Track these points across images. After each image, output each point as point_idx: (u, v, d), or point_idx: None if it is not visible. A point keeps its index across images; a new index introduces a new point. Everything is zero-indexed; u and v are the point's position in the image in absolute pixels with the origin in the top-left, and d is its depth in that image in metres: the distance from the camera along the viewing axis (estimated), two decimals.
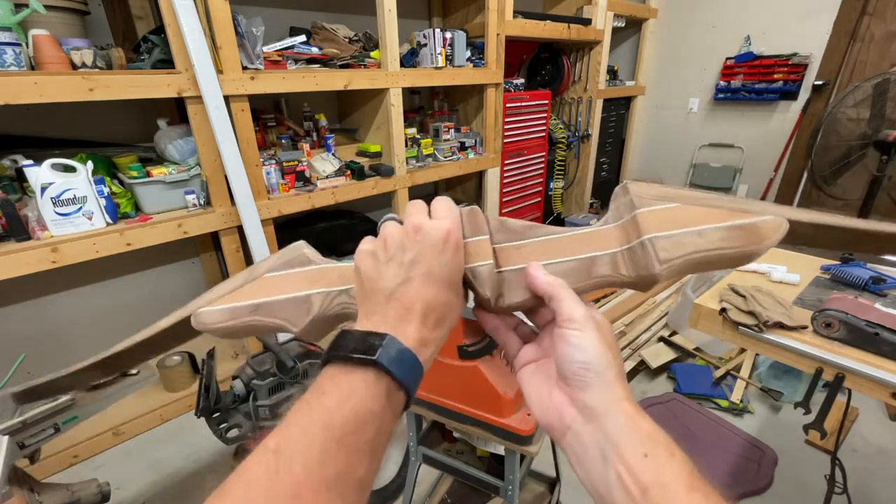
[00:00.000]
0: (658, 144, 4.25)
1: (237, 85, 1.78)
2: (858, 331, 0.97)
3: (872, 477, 1.67)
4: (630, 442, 0.31)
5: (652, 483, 0.29)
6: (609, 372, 0.33)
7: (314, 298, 0.40)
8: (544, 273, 0.37)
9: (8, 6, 1.41)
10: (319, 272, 0.41)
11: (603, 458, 0.32)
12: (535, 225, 0.40)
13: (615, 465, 0.31)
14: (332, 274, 0.41)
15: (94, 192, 1.59)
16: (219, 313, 0.41)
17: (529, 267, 0.38)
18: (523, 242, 0.40)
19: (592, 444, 0.33)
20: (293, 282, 0.41)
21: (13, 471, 1.12)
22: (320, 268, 0.41)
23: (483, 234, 0.39)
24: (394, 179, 2.45)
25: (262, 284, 0.42)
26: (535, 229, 0.40)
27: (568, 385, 0.35)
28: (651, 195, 0.37)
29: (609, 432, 0.32)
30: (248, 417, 1.33)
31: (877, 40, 3.09)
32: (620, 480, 0.30)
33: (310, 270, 0.41)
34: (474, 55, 2.74)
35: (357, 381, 0.31)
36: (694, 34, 3.77)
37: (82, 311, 2.08)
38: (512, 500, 1.09)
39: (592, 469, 0.32)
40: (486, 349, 0.98)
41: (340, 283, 0.40)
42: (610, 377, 0.33)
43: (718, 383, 2.10)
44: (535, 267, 0.38)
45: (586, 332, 0.34)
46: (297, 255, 0.42)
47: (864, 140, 2.22)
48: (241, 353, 2.28)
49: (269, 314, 0.40)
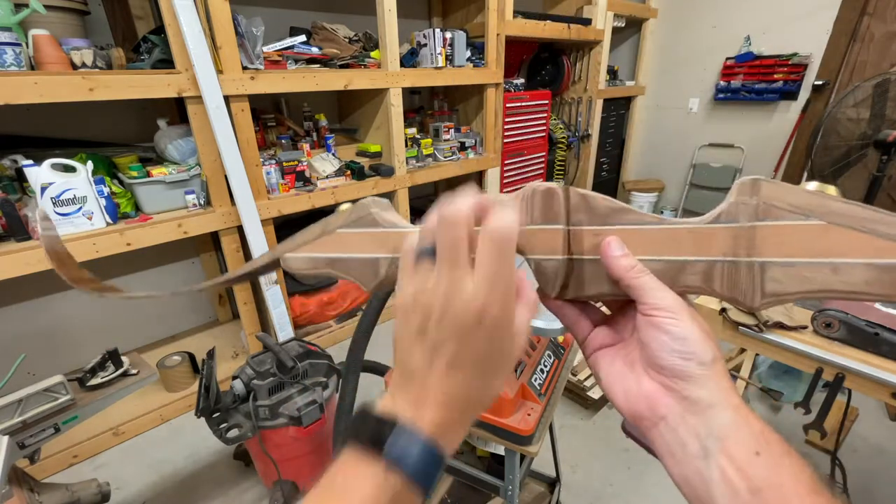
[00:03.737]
0: (658, 144, 4.25)
1: (237, 85, 1.78)
2: (858, 331, 0.97)
3: (872, 477, 1.67)
4: (739, 438, 0.28)
5: (766, 484, 0.27)
6: (715, 364, 0.30)
7: (381, 263, 0.40)
8: (623, 254, 0.33)
9: (8, 6, 1.41)
10: (385, 236, 0.40)
11: (703, 452, 0.29)
12: (624, 208, 0.34)
13: (719, 462, 0.28)
14: (397, 240, 0.40)
15: (94, 192, 1.59)
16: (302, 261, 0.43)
17: (606, 245, 0.33)
18: (603, 228, 0.34)
19: (692, 437, 0.30)
20: (363, 242, 0.41)
21: (13, 471, 1.12)
22: (385, 231, 0.40)
23: (556, 222, 0.35)
24: (394, 179, 2.45)
25: (337, 239, 0.42)
26: (622, 214, 0.34)
27: (664, 375, 0.32)
28: (788, 204, 0.29)
29: (714, 426, 0.29)
30: (248, 417, 1.33)
31: (877, 40, 3.09)
32: (725, 478, 0.28)
33: (376, 233, 0.41)
34: (474, 55, 2.74)
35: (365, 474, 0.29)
36: (694, 34, 3.77)
37: (82, 311, 2.08)
38: (512, 500, 1.09)
39: (688, 464, 0.30)
40: None
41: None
42: (715, 369, 0.30)
43: None
44: (614, 245, 0.33)
45: (682, 319, 0.31)
46: (365, 215, 0.41)
47: (864, 140, 2.22)
48: (241, 353, 2.28)
49: (343, 269, 0.42)
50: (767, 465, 0.27)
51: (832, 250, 0.28)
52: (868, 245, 0.27)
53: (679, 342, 0.30)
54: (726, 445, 0.28)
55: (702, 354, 0.30)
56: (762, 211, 0.30)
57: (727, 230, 0.31)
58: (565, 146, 3.70)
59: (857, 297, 0.28)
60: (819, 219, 0.28)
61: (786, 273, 0.29)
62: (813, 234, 0.28)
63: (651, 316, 0.32)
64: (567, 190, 0.35)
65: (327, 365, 1.48)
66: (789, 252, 0.29)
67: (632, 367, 0.34)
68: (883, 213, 0.27)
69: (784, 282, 0.29)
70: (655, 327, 0.31)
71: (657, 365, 0.32)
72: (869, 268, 0.27)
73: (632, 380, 0.34)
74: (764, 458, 0.27)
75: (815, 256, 0.28)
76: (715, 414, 0.29)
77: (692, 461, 0.30)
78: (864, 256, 0.27)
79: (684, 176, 4.10)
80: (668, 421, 0.31)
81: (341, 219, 0.42)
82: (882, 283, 0.27)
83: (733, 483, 0.27)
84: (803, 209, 0.29)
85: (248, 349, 2.24)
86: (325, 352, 1.51)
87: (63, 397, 1.13)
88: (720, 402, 0.29)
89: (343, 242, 0.42)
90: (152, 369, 1.33)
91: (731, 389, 0.30)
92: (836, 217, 0.28)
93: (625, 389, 0.34)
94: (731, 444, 0.28)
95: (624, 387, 0.34)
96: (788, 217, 0.29)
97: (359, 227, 0.41)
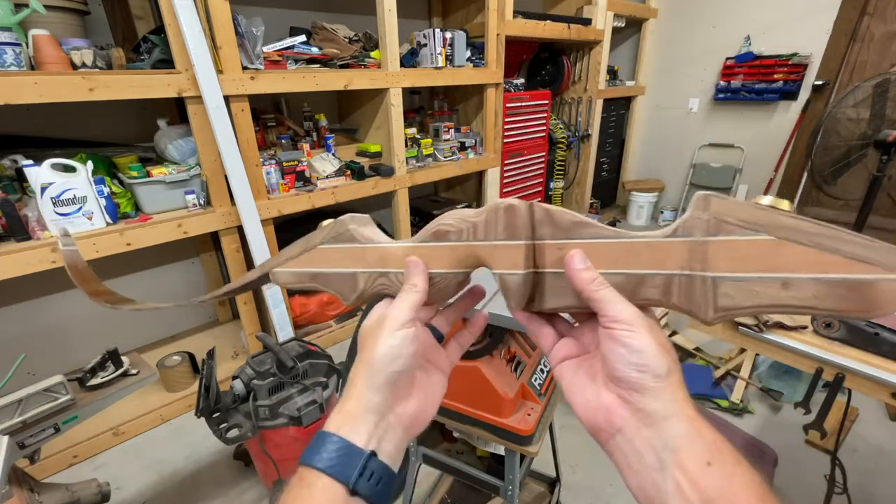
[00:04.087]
0: (658, 144, 4.25)
1: (237, 85, 1.78)
2: (858, 331, 0.97)
3: (872, 477, 1.67)
4: (693, 449, 0.29)
5: (718, 495, 0.27)
6: (670, 376, 0.31)
7: (359, 277, 0.43)
8: (585, 267, 0.34)
9: (8, 6, 1.41)
10: (362, 252, 0.42)
11: (659, 464, 0.30)
12: (586, 222, 0.34)
13: (673, 473, 0.29)
14: (372, 255, 0.42)
15: (94, 192, 1.59)
16: (287, 275, 0.47)
17: (569, 258, 0.34)
18: (566, 242, 0.35)
19: (647, 449, 0.31)
20: (342, 257, 0.43)
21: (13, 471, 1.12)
22: (363, 247, 0.42)
23: (518, 238, 0.36)
24: (394, 179, 2.45)
25: (319, 255, 0.45)
26: (584, 228, 0.34)
27: (620, 387, 0.32)
28: (738, 219, 0.29)
29: (668, 438, 0.30)
30: (248, 417, 1.33)
31: (877, 40, 3.09)
32: (679, 489, 0.28)
33: (354, 248, 0.43)
34: (474, 55, 2.74)
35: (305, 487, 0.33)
36: (694, 34, 3.77)
37: (82, 311, 2.08)
38: (512, 500, 1.09)
39: (645, 476, 0.31)
40: (486, 349, 0.98)
41: (379, 266, 0.42)
42: (670, 381, 0.31)
43: (718, 383, 2.10)
44: (577, 258, 0.34)
45: (639, 332, 0.31)
46: (343, 231, 0.43)
47: (864, 140, 2.22)
48: (241, 353, 2.28)
49: (324, 283, 0.45)
50: (719, 475, 0.28)
51: (781, 265, 0.28)
52: (815, 260, 0.27)
53: (635, 355, 0.31)
54: (680, 457, 0.29)
55: (657, 367, 0.31)
56: (713, 226, 0.30)
57: (683, 244, 0.31)
58: (565, 146, 3.70)
59: (807, 311, 0.28)
60: (768, 234, 0.28)
61: (737, 288, 0.29)
62: (762, 250, 0.29)
63: (610, 328, 0.32)
64: (531, 206, 0.36)
65: (327, 365, 1.48)
66: (740, 267, 0.29)
67: (593, 379, 0.35)
68: (829, 227, 0.27)
69: (735, 297, 0.30)
70: (614, 339, 0.32)
71: (615, 377, 0.32)
72: (817, 282, 0.27)
73: (592, 391, 0.35)
74: (716, 469, 0.28)
75: (764, 271, 0.28)
76: (669, 426, 0.30)
77: (649, 473, 0.30)
78: (811, 271, 0.27)
79: (684, 176, 4.10)
80: (625, 433, 0.32)
81: (322, 235, 0.44)
82: (830, 297, 0.27)
83: (687, 495, 0.28)
84: (753, 224, 0.29)
85: (248, 349, 2.24)
86: (325, 352, 1.51)
87: (63, 397, 1.13)
88: (674, 414, 0.30)
89: (324, 258, 0.44)
90: (152, 369, 1.33)
91: (685, 401, 0.31)
92: (784, 232, 0.28)
93: (585, 400, 0.35)
94: (684, 456, 0.29)
95: (584, 398, 0.35)
96: (738, 232, 0.29)
97: (338, 243, 0.43)
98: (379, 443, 0.35)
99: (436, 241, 0.39)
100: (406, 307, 0.37)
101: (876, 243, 0.26)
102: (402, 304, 0.37)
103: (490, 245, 0.37)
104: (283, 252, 0.47)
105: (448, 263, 0.39)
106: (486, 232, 0.37)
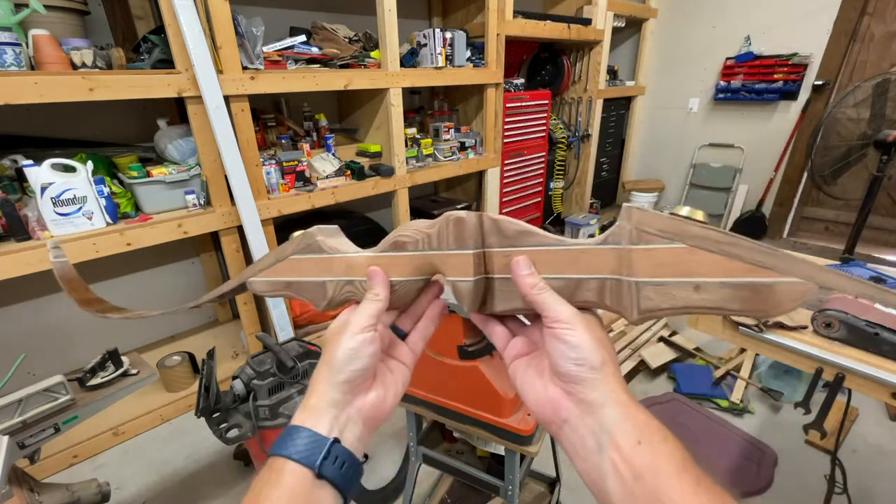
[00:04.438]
0: (658, 144, 4.25)
1: (237, 85, 1.78)
2: (858, 331, 0.97)
3: (872, 477, 1.67)
4: (625, 430, 0.32)
5: (645, 469, 0.30)
6: (604, 367, 0.34)
7: (328, 286, 0.45)
8: (529, 273, 0.37)
9: (8, 6, 1.41)
10: (329, 262, 0.45)
11: (598, 448, 0.32)
12: (530, 231, 0.38)
13: (609, 454, 0.31)
14: (339, 265, 0.44)
15: (94, 192, 1.59)
16: (263, 284, 0.49)
17: (515, 264, 0.37)
18: (512, 250, 0.38)
19: (588, 435, 0.33)
20: (312, 266, 0.46)
21: (13, 471, 1.12)
22: (330, 258, 0.45)
23: (466, 248, 0.39)
24: (394, 179, 2.45)
25: (290, 265, 0.47)
26: (528, 237, 0.37)
27: (564, 381, 0.35)
28: (655, 229, 0.32)
29: (604, 423, 0.33)
30: (248, 417, 1.33)
31: (877, 40, 3.09)
32: (615, 468, 0.31)
33: (322, 259, 0.45)
34: (474, 55, 2.74)
35: (275, 473, 0.35)
36: (694, 34, 3.77)
37: (82, 312, 2.07)
38: (512, 500, 1.09)
39: (588, 460, 0.33)
40: (486, 349, 0.98)
41: (347, 274, 0.44)
42: (605, 372, 0.34)
43: (718, 383, 2.10)
44: (522, 264, 0.37)
45: (577, 329, 0.34)
46: (312, 242, 0.45)
47: (864, 140, 2.22)
48: (241, 353, 2.28)
49: (297, 291, 0.47)
50: (647, 451, 0.30)
51: (693, 271, 0.31)
52: (722, 265, 0.30)
53: (573, 350, 0.34)
54: (615, 439, 0.32)
55: (592, 360, 0.34)
56: (636, 236, 0.33)
57: (613, 251, 0.34)
58: (565, 146, 3.70)
59: (717, 311, 0.31)
60: (682, 242, 0.31)
61: (656, 292, 0.32)
62: (677, 257, 0.31)
63: (552, 328, 0.35)
64: (480, 216, 0.39)
65: None
66: (659, 273, 0.32)
67: (541, 375, 0.38)
68: (733, 235, 0.30)
69: (655, 299, 0.33)
70: (555, 337, 0.35)
71: (558, 372, 0.35)
72: (724, 286, 0.30)
73: (540, 386, 0.37)
74: (645, 446, 0.31)
75: (679, 276, 0.31)
76: (605, 412, 0.33)
77: (591, 456, 0.33)
78: (719, 276, 0.30)
79: (684, 176, 4.10)
80: (570, 422, 0.35)
81: (292, 246, 0.47)
82: (736, 299, 0.30)
83: (620, 472, 0.31)
84: (669, 234, 0.32)
85: (248, 349, 2.24)
86: None
87: (63, 397, 1.13)
88: (609, 401, 0.33)
89: (296, 267, 0.47)
90: (152, 369, 1.33)
91: (619, 390, 0.34)
92: (695, 240, 0.31)
93: (535, 395, 0.38)
94: (618, 437, 0.32)
95: (534, 393, 0.38)
96: (657, 241, 0.32)
97: (308, 254, 0.46)
98: (341, 433, 0.37)
99: (395, 251, 0.42)
100: (367, 314, 0.40)
101: (773, 250, 0.29)
102: (363, 312, 0.40)
103: (442, 254, 0.40)
104: (257, 262, 0.49)
105: (407, 272, 0.42)
106: (440, 242, 0.40)
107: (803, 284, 0.28)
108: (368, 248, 0.44)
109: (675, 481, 0.29)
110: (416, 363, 0.46)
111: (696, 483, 0.29)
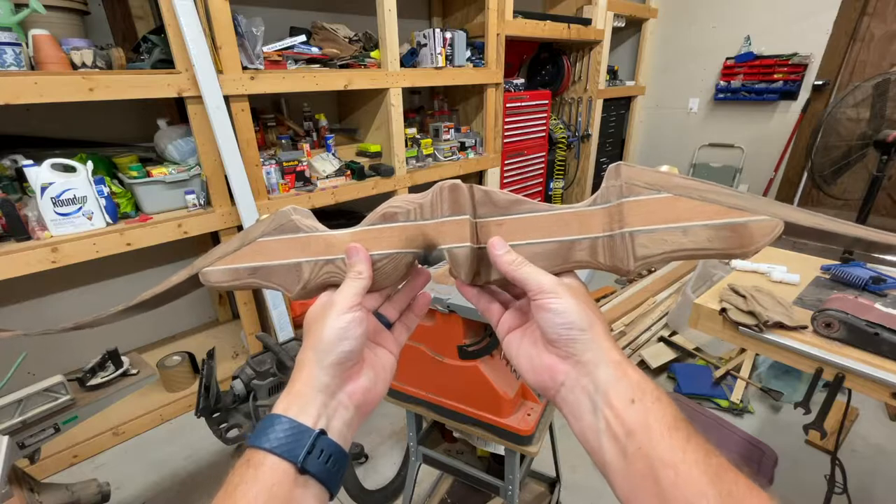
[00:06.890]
0: (658, 144, 4.25)
1: (237, 85, 1.78)
2: (858, 331, 0.97)
3: (872, 477, 1.67)
4: (619, 389, 0.32)
5: (637, 426, 0.30)
6: (594, 327, 0.34)
7: (304, 267, 0.42)
8: (506, 251, 0.37)
9: (8, 6, 1.41)
10: (307, 240, 0.42)
11: (593, 407, 0.33)
12: (521, 200, 0.39)
13: (604, 413, 0.32)
14: (318, 243, 0.42)
15: (94, 192, 1.59)
16: (222, 273, 0.44)
17: (491, 245, 0.38)
18: (504, 219, 0.39)
19: (584, 396, 0.34)
20: (285, 248, 0.43)
21: (13, 471, 1.12)
22: (308, 236, 0.42)
23: (463, 213, 0.39)
24: (394, 179, 2.45)
25: (258, 248, 0.43)
26: (520, 205, 0.39)
27: (557, 347, 0.36)
28: (643, 182, 0.35)
29: (599, 382, 0.33)
30: (248, 417, 1.33)
31: (877, 40, 3.09)
32: (608, 426, 0.32)
33: (299, 238, 0.42)
34: (474, 55, 2.74)
35: (252, 467, 0.32)
36: (694, 34, 3.77)
37: (82, 311, 2.07)
38: (512, 500, 1.09)
39: (584, 420, 0.34)
40: (486, 349, 0.98)
41: (326, 253, 0.42)
42: (595, 331, 0.34)
43: (718, 383, 2.10)
44: (497, 245, 0.38)
45: (561, 295, 0.35)
46: (286, 222, 0.43)
47: (864, 140, 2.22)
48: (241, 353, 2.28)
49: (265, 277, 0.43)
50: (640, 410, 0.31)
51: (680, 217, 0.34)
52: (703, 210, 0.34)
53: (560, 315, 0.35)
54: (609, 398, 0.32)
55: (580, 322, 0.34)
56: (626, 189, 0.36)
57: (603, 210, 0.37)
58: (565, 146, 3.70)
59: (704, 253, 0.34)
60: (668, 192, 0.35)
61: (650, 238, 0.35)
62: (664, 205, 0.35)
63: (536, 299, 0.36)
64: (471, 187, 0.39)
65: None
66: (650, 220, 0.35)
67: (535, 345, 0.38)
68: (711, 183, 0.34)
69: (649, 246, 0.35)
70: (541, 308, 0.35)
71: (550, 339, 0.36)
72: (707, 228, 0.34)
73: (535, 355, 0.38)
74: (637, 405, 0.31)
75: (669, 223, 0.35)
76: (599, 371, 0.33)
77: (586, 416, 0.34)
78: (702, 219, 0.34)
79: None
80: (567, 385, 0.35)
81: (261, 228, 0.44)
82: (718, 238, 0.33)
83: (614, 429, 0.31)
84: (655, 185, 0.35)
85: (248, 349, 2.24)
86: None
87: (63, 397, 1.13)
88: (603, 361, 0.34)
89: (265, 250, 0.43)
90: (152, 369, 1.33)
91: (611, 348, 0.34)
92: (679, 189, 0.35)
93: (532, 365, 0.38)
94: (612, 397, 0.32)
95: (531, 363, 0.38)
96: (645, 193, 0.35)
97: (280, 235, 0.43)
98: (328, 422, 0.35)
99: (385, 222, 0.41)
100: (351, 293, 0.38)
101: (745, 194, 0.34)
102: (347, 291, 0.38)
103: (437, 223, 0.40)
104: (215, 249, 0.45)
105: (397, 243, 0.41)
106: (433, 211, 0.40)
107: (771, 220, 0.32)
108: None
109: (665, 438, 0.29)
110: (416, 363, 0.46)
111: (685, 440, 0.29)
